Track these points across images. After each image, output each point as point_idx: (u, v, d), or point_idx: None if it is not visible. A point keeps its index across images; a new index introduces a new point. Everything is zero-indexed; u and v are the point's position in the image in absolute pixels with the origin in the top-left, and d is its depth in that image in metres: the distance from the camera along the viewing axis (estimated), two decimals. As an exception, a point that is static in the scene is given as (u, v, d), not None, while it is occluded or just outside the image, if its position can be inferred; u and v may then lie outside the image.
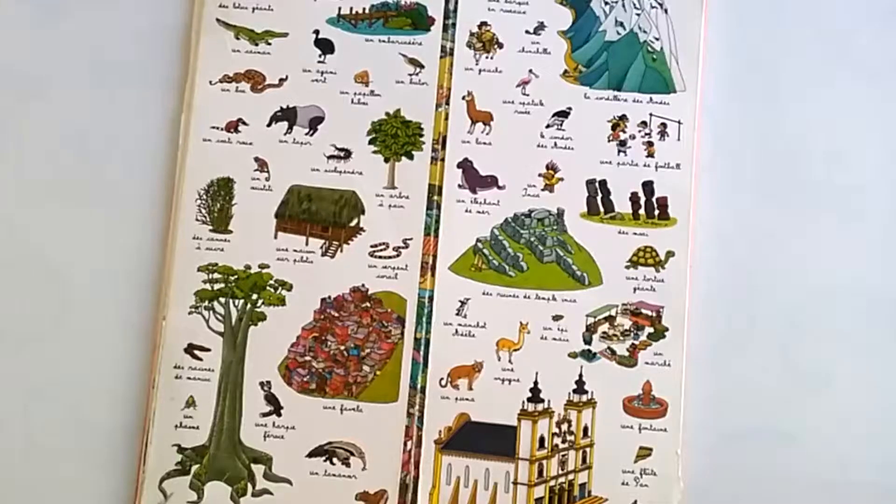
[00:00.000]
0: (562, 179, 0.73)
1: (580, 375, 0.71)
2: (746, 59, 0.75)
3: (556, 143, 0.73)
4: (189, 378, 0.70)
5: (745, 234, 0.73)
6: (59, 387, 0.71)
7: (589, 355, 0.71)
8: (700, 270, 0.72)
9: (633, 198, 0.73)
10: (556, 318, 0.71)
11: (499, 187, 0.73)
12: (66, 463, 0.70)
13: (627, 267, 0.72)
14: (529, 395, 0.70)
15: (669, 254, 0.72)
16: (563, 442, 0.70)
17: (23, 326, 0.71)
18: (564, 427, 0.70)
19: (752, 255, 0.73)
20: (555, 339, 0.71)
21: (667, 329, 0.71)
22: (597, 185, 0.73)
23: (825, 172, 0.74)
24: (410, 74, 0.74)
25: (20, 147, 0.73)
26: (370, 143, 0.73)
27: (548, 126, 0.73)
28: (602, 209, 0.73)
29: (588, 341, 0.71)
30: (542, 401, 0.70)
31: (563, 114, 0.73)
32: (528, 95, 0.73)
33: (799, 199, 0.74)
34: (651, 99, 0.74)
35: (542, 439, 0.70)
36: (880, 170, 0.74)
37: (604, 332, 0.71)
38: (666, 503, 0.69)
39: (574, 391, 0.71)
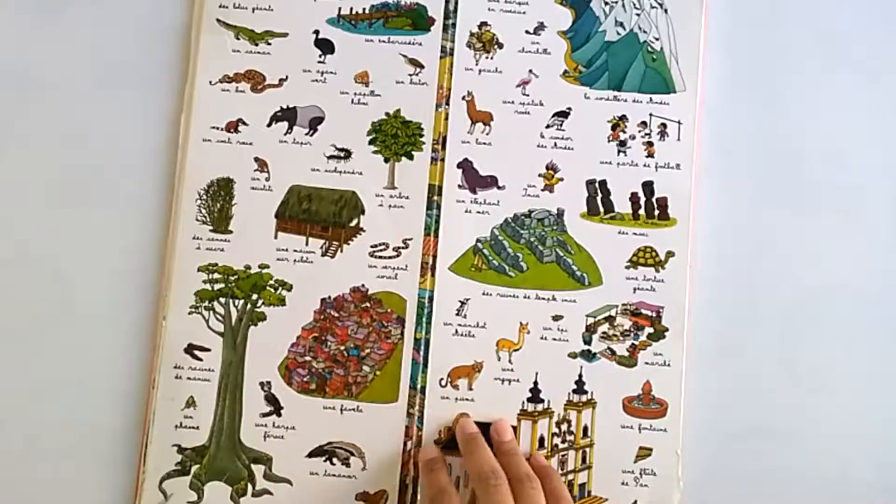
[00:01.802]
0: (562, 179, 0.73)
1: (580, 376, 0.71)
2: (746, 59, 0.75)
3: (556, 144, 0.73)
4: (189, 378, 0.70)
5: (745, 234, 0.73)
6: (59, 387, 0.71)
7: (589, 355, 0.71)
8: (700, 270, 0.72)
9: (633, 198, 0.73)
10: (556, 318, 0.71)
11: (499, 187, 0.73)
12: (66, 463, 0.70)
13: (627, 267, 0.72)
14: (529, 395, 0.70)
15: (669, 254, 0.72)
16: (563, 442, 0.70)
17: (23, 326, 0.71)
18: (564, 427, 0.70)
19: (752, 255, 0.73)
20: (555, 339, 0.71)
21: (667, 329, 0.71)
22: (597, 185, 0.73)
23: (825, 172, 0.74)
24: (410, 74, 0.74)
25: (20, 147, 0.73)
26: (370, 143, 0.73)
27: (548, 126, 0.73)
28: (602, 209, 0.73)
29: (588, 341, 0.71)
30: (542, 401, 0.70)
31: (563, 114, 0.73)
32: (528, 95, 0.73)
33: (799, 199, 0.74)
34: (651, 99, 0.74)
35: (541, 439, 0.70)
36: (880, 170, 0.74)
37: (604, 333, 0.71)
38: (666, 503, 0.69)
39: (574, 391, 0.71)
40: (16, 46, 0.75)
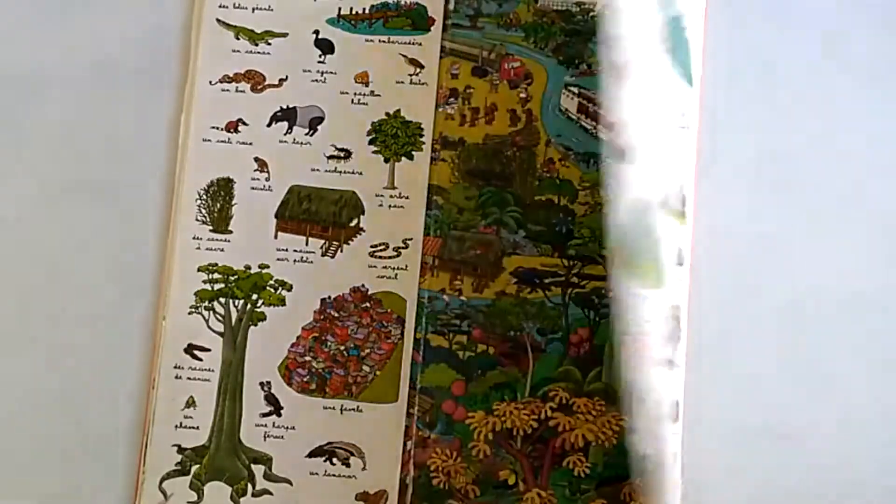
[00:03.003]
0: (562, 179, 0.73)
1: (580, 375, 0.71)
2: (746, 59, 0.75)
3: (556, 143, 0.73)
4: (189, 378, 0.70)
5: (745, 234, 0.73)
6: (60, 387, 0.71)
7: (589, 355, 0.71)
8: (700, 270, 0.72)
9: (633, 198, 0.72)
10: (556, 318, 0.71)
11: (499, 187, 0.73)
12: (67, 463, 0.70)
13: (627, 267, 0.72)
14: (529, 395, 0.70)
15: (669, 254, 0.72)
16: (564, 442, 0.70)
17: (23, 326, 0.71)
18: (564, 427, 0.70)
19: (752, 255, 0.73)
20: (555, 339, 0.71)
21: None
22: (597, 185, 0.73)
23: (825, 172, 0.74)
24: (410, 74, 0.74)
25: (20, 147, 0.73)
26: (370, 143, 0.73)
27: (548, 126, 0.73)
28: (602, 209, 0.73)
29: (588, 341, 0.71)
30: (543, 401, 0.70)
31: (563, 114, 0.73)
32: (528, 95, 0.74)
33: (799, 199, 0.74)
34: (651, 99, 0.73)
35: (542, 439, 0.70)
36: (880, 170, 0.74)
37: (604, 332, 0.71)
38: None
39: (574, 391, 0.71)
40: (16, 46, 0.75)
